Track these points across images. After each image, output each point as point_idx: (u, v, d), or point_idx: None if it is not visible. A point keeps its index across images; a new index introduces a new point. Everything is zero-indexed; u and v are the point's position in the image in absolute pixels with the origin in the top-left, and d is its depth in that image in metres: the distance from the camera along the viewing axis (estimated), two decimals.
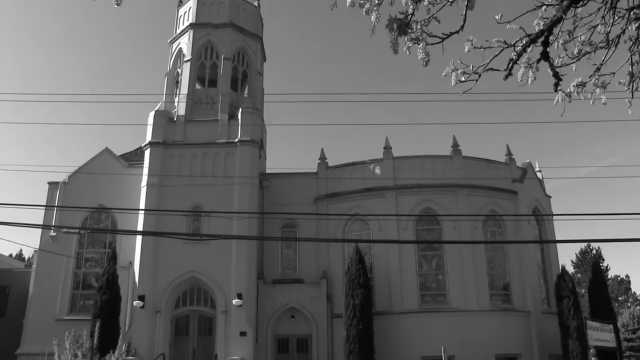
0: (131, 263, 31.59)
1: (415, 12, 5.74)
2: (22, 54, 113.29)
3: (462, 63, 6.38)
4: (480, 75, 6.44)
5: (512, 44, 6.20)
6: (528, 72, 6.09)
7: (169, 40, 37.65)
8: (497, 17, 6.26)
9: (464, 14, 5.74)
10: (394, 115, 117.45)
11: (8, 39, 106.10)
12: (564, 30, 6.28)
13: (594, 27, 6.33)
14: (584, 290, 51.41)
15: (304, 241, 32.44)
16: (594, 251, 71.65)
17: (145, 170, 32.34)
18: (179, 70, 36.02)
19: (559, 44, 6.33)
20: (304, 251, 32.51)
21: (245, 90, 36.98)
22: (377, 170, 32.44)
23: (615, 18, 6.28)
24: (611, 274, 72.76)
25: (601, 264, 66.90)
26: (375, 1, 5.63)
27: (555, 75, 6.18)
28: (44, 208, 33.60)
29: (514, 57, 6.19)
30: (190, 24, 35.79)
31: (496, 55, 6.31)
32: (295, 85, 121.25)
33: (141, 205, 31.56)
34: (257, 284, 30.76)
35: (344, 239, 32.01)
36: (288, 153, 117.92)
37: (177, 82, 36.03)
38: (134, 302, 29.65)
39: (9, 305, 35.66)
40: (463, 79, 6.42)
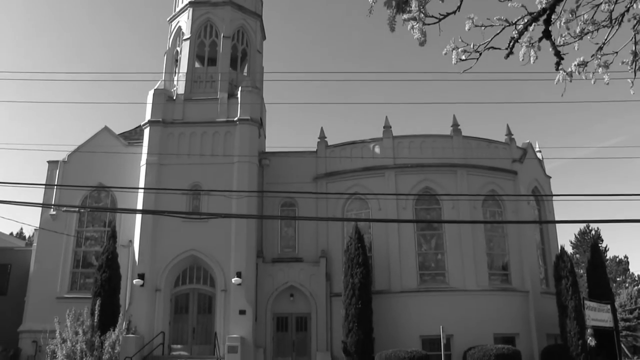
0: (131, 241, 31.67)
1: None
2: (19, 32, 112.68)
3: (463, 41, 6.29)
4: (480, 54, 6.36)
5: (514, 22, 6.10)
6: (530, 52, 6.00)
7: (168, 19, 37.38)
8: None
9: None
10: (394, 95, 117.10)
11: (2, 16, 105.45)
12: (566, 9, 6.18)
13: (597, 6, 6.22)
14: (582, 271, 51.59)
15: (303, 220, 32.47)
16: (593, 232, 71.84)
17: (144, 149, 32.29)
18: (179, 48, 35.80)
19: (561, 23, 6.22)
20: (303, 230, 32.56)
21: (245, 69, 36.79)
22: (377, 150, 32.36)
23: None
24: (610, 255, 73.04)
25: (600, 245, 67.10)
26: None
27: (557, 54, 6.09)
28: (44, 187, 33.65)
29: (515, 36, 6.10)
30: (190, 2, 35.50)
31: (497, 33, 6.22)
32: (294, 64, 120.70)
33: (140, 184, 31.55)
34: (257, 263, 30.85)
35: (343, 217, 32.04)
36: (287, 132, 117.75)
37: (177, 61, 35.83)
38: (134, 281, 29.78)
39: (10, 283, 35.84)
40: (463, 57, 6.33)
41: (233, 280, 29.35)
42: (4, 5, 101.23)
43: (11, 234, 59.04)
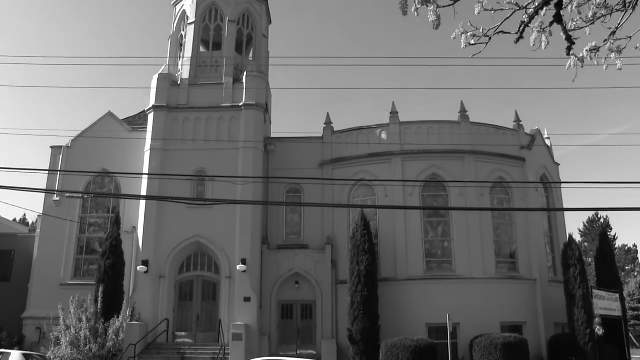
0: (135, 228, 31.80)
1: None
2: (22, 16, 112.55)
3: (472, 26, 6.25)
4: (490, 39, 6.31)
5: (524, 6, 6.05)
6: (541, 37, 5.94)
7: (172, 2, 37.25)
8: None
9: None
10: (402, 80, 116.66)
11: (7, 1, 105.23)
12: None
13: None
14: (590, 259, 51.60)
15: (309, 206, 32.50)
16: (602, 220, 71.72)
17: (148, 135, 32.34)
18: (183, 33, 35.74)
19: (573, 7, 6.17)
20: (309, 216, 32.59)
21: (250, 54, 36.69)
22: (384, 135, 32.31)
23: None
24: (619, 243, 72.96)
25: (609, 233, 66.97)
26: None
27: (568, 38, 6.04)
28: (47, 172, 33.73)
29: (526, 20, 6.05)
30: None
31: (507, 17, 6.17)
32: (301, 49, 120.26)
33: (144, 170, 31.64)
34: (262, 250, 30.95)
35: (349, 204, 32.06)
36: (293, 117, 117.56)
37: (181, 45, 35.78)
38: (138, 267, 29.93)
39: (13, 269, 36.12)
40: (473, 42, 6.29)
41: (238, 267, 29.46)
42: None
43: (14, 220, 59.31)
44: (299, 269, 31.01)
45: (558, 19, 5.99)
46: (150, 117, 32.74)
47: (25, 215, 71.84)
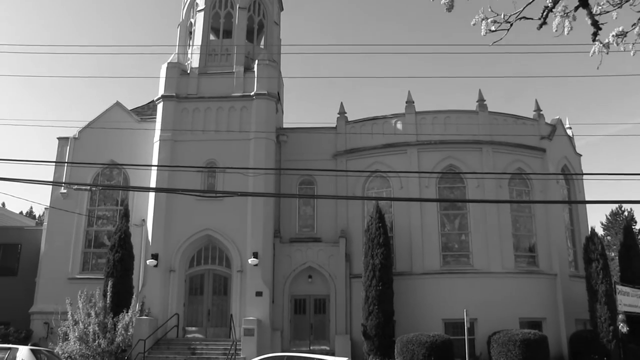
0: (144, 221, 31.99)
1: None
2: (29, 5, 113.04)
3: (493, 11, 6.24)
4: (512, 25, 6.30)
5: None
6: (564, 22, 5.92)
7: None
8: None
9: None
10: (418, 69, 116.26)
11: None
12: None
13: None
14: (613, 254, 51.28)
15: (322, 198, 32.56)
16: (626, 213, 71.13)
17: (157, 125, 32.49)
18: (193, 20, 35.79)
19: None
20: (322, 209, 32.68)
21: (262, 41, 36.72)
22: (399, 125, 32.28)
23: None
24: None
25: (633, 227, 66.40)
26: None
27: (594, 23, 6.01)
28: (54, 164, 33.95)
29: (549, 5, 6.03)
30: None
31: (530, 2, 6.15)
32: (313, 36, 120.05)
33: (154, 161, 31.80)
34: (274, 243, 31.08)
35: (363, 196, 32.10)
36: (306, 107, 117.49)
37: (191, 33, 35.85)
38: (147, 261, 30.13)
39: (20, 263, 36.44)
40: (493, 28, 6.29)
41: (249, 260, 29.60)
42: None
43: (21, 213, 59.79)
44: (312, 263, 31.12)
45: (584, 3, 5.96)
46: (160, 107, 32.88)
47: (31, 208, 72.46)
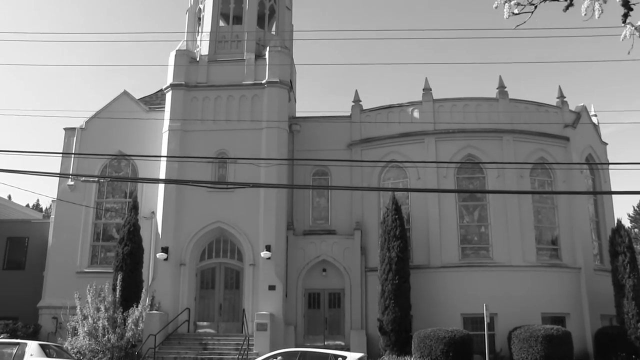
0: (153, 213, 32.18)
1: None
2: None
3: None
4: (536, 7, 6.26)
5: None
6: (594, 4, 5.85)
7: None
8: None
9: None
10: (435, 55, 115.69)
11: None
12: None
13: None
14: None
15: (337, 189, 32.58)
16: None
17: (166, 115, 32.61)
18: (201, 6, 35.80)
19: None
20: (337, 200, 32.72)
21: (273, 28, 36.67)
22: (416, 114, 32.21)
23: None
24: None
25: None
26: None
27: (625, 4, 5.94)
28: (61, 155, 34.20)
29: None
30: None
31: None
32: (327, 22, 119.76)
33: (163, 152, 31.95)
34: (287, 235, 31.19)
35: (379, 187, 32.07)
36: (319, 95, 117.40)
37: (199, 19, 35.88)
38: (157, 254, 30.34)
39: (27, 257, 36.79)
40: (516, 11, 6.24)
41: (262, 254, 29.72)
42: None
43: (27, 205, 60.27)
44: (327, 256, 31.20)
45: None
46: (168, 96, 32.98)
47: (38, 200, 72.97)
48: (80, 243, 33.32)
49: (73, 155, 33.91)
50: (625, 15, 5.97)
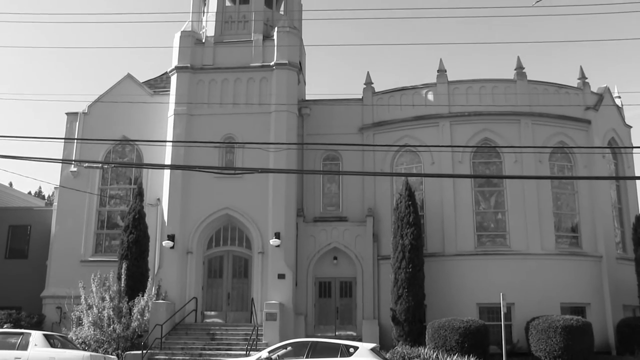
0: (159, 200, 32.50)
1: None
2: None
3: None
4: None
5: None
6: None
7: None
8: None
9: None
10: (450, 35, 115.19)
11: None
12: None
13: None
14: None
15: (348, 175, 32.77)
16: None
17: (172, 98, 32.83)
18: None
19: None
20: (348, 186, 32.92)
21: (282, 7, 36.73)
22: (430, 96, 32.31)
23: None
24: None
25: None
26: None
27: None
28: (63, 141, 34.46)
29: None
30: None
31: None
32: (337, 0, 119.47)
33: (168, 137, 32.23)
34: (297, 222, 31.46)
35: (392, 172, 32.24)
36: (330, 77, 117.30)
37: None
38: (163, 242, 30.68)
39: (30, 246, 37.24)
40: None
41: (271, 241, 30.02)
42: None
43: (29, 193, 60.88)
44: (338, 244, 31.47)
45: None
46: (173, 80, 33.21)
47: (40, 187, 73.64)
48: (84, 231, 33.66)
49: (76, 141, 34.20)
50: None
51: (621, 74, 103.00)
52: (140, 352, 25.58)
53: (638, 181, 35.82)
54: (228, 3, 35.80)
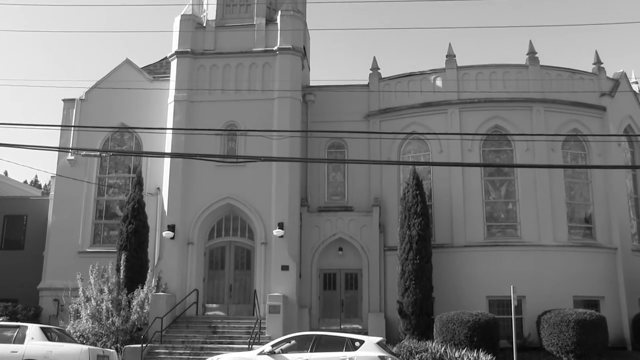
0: (159, 189, 32.62)
1: None
2: None
3: None
4: None
5: None
6: None
7: None
8: None
9: None
10: (459, 18, 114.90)
11: None
12: None
13: None
14: None
15: (354, 163, 32.77)
16: None
17: (172, 84, 32.89)
18: None
19: None
20: (354, 175, 33.00)
21: None
22: (439, 82, 32.28)
23: None
24: None
25: None
26: None
27: None
28: (60, 128, 34.56)
29: None
30: None
31: None
32: None
33: (168, 124, 32.26)
34: (301, 212, 31.56)
35: (399, 161, 32.24)
36: (335, 63, 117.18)
37: None
38: (163, 233, 30.79)
39: (26, 236, 37.40)
40: None
41: (274, 232, 30.12)
42: None
43: (25, 182, 61.12)
44: (343, 234, 31.56)
45: None
46: (173, 65, 33.26)
47: (36, 176, 74.06)
48: (81, 221, 33.81)
49: (73, 128, 34.21)
50: None
51: (639, 58, 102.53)
52: (139, 346, 25.71)
53: None
54: None
